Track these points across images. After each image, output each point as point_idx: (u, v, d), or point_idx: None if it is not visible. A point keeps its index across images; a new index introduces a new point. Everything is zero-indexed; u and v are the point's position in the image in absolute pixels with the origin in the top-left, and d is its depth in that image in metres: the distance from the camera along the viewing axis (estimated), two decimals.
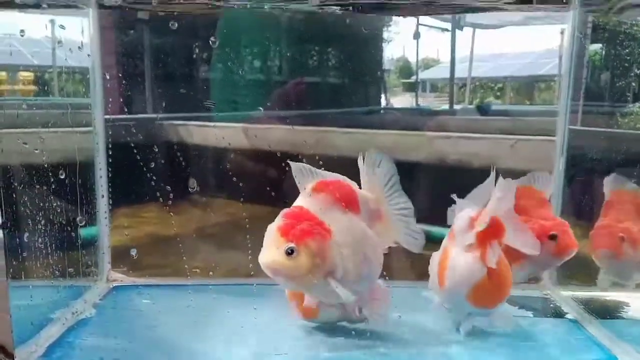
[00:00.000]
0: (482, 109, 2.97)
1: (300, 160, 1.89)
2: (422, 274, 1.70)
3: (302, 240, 1.28)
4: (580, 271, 2.02)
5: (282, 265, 1.27)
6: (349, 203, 1.40)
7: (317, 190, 1.39)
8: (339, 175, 1.45)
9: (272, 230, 1.31)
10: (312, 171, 1.42)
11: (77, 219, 1.77)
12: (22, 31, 1.54)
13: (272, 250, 1.28)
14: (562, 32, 2.10)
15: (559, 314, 1.82)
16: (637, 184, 1.98)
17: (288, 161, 1.43)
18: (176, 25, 1.92)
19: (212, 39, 2.08)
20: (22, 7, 1.60)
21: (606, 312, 1.80)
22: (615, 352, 1.53)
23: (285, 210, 1.35)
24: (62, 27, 1.76)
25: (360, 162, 1.49)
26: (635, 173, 2.02)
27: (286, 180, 1.60)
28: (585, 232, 2.20)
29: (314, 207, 1.36)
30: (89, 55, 1.93)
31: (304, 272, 1.28)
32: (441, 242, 1.63)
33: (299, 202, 1.40)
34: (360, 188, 1.49)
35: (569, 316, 1.80)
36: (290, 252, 1.26)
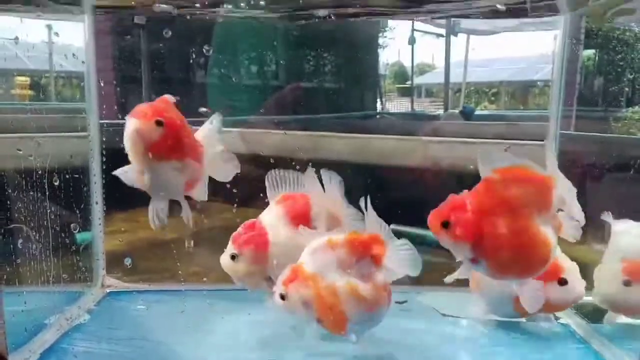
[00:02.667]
0: (465, 113, 2.99)
1: (294, 166, 1.91)
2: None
3: (242, 248, 1.54)
4: None
5: (227, 267, 1.57)
6: (299, 217, 1.56)
7: (278, 202, 1.60)
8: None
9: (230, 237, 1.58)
10: (285, 180, 1.62)
11: (71, 224, 1.77)
12: (16, 38, 1.54)
13: (225, 254, 1.57)
14: (555, 38, 2.12)
15: (551, 318, 1.83)
16: (633, 188, 1.99)
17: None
18: (173, 31, 1.92)
19: (206, 47, 2.10)
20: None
21: (598, 316, 1.80)
22: (607, 357, 1.54)
23: (246, 222, 1.59)
24: (56, 34, 1.77)
25: (316, 180, 1.59)
26: (628, 177, 2.04)
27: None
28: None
29: (272, 218, 1.58)
30: (83, 62, 1.94)
31: (242, 274, 1.56)
32: (436, 246, 1.63)
33: (264, 212, 1.61)
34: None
35: (561, 320, 1.81)
36: (232, 257, 1.55)
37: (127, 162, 1.58)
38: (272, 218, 1.57)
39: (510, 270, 1.35)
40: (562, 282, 1.55)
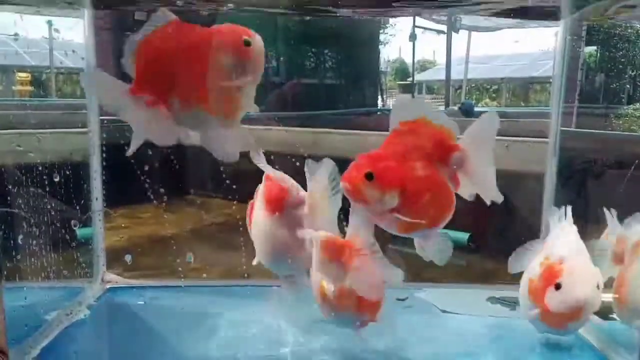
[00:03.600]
0: (465, 110, 2.98)
1: (294, 162, 1.90)
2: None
3: None
4: None
5: None
6: (272, 204, 1.53)
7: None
8: (284, 176, 1.56)
9: None
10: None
11: (72, 220, 1.77)
12: (15, 34, 1.54)
13: None
14: (556, 35, 2.11)
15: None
16: (634, 185, 1.98)
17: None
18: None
19: None
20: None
21: (599, 314, 1.80)
22: (608, 355, 1.54)
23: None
24: (56, 30, 1.76)
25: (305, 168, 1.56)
26: (629, 174, 2.04)
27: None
28: (579, 234, 2.21)
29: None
30: (82, 58, 1.93)
31: None
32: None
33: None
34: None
35: None
36: None
37: (125, 159, 1.59)
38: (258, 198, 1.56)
39: (427, 215, 1.33)
40: (557, 286, 1.45)
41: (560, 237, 1.56)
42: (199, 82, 1.18)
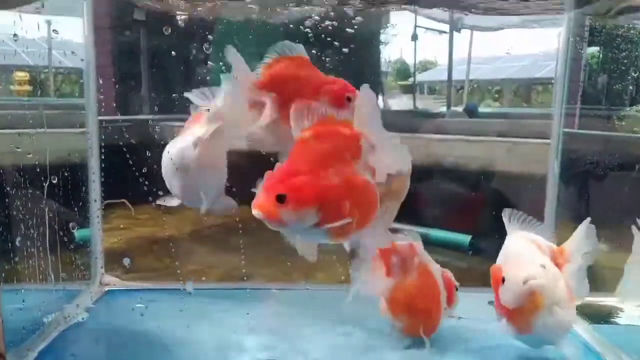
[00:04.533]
0: (469, 111, 2.97)
1: None
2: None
3: None
4: None
5: None
6: None
7: None
8: None
9: None
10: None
11: (70, 222, 1.76)
12: (15, 35, 1.53)
13: None
14: (559, 35, 2.10)
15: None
16: (637, 187, 1.97)
17: None
18: (173, 26, 1.91)
19: (206, 44, 2.08)
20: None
21: (600, 317, 1.79)
22: (608, 358, 1.53)
23: None
24: (55, 31, 1.75)
25: None
26: (632, 176, 2.02)
27: None
28: None
29: None
30: (82, 60, 1.92)
31: None
32: (439, 244, 1.62)
33: None
34: None
35: None
36: None
37: (125, 159, 1.58)
38: None
39: (355, 221, 1.29)
40: (503, 280, 1.40)
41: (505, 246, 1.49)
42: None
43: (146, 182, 1.84)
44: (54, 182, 1.66)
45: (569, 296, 1.39)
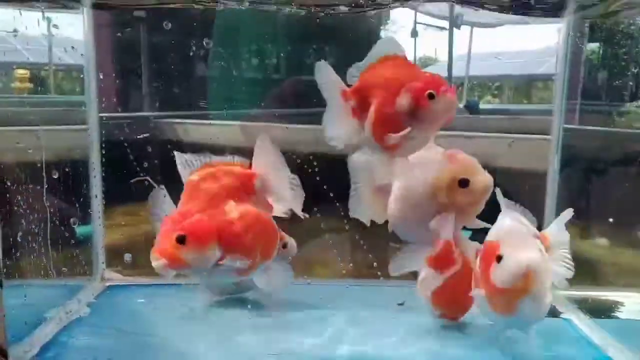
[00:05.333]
0: (470, 107, 2.95)
1: (295, 159, 1.89)
2: None
3: None
4: (575, 270, 2.02)
5: None
6: None
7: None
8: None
9: None
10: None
11: (71, 218, 1.77)
12: (15, 30, 1.53)
13: None
14: (559, 31, 2.10)
15: (553, 313, 1.82)
16: (637, 183, 1.97)
17: None
18: (173, 23, 1.91)
19: (205, 40, 2.09)
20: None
21: (600, 312, 1.80)
22: (609, 352, 1.53)
23: None
24: (55, 26, 1.75)
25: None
26: (632, 171, 2.02)
27: None
28: (582, 232, 2.20)
29: None
30: (82, 55, 1.92)
31: None
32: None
33: None
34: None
35: (564, 316, 1.80)
36: None
37: (126, 157, 1.58)
38: None
39: (254, 253, 1.35)
40: (499, 258, 1.37)
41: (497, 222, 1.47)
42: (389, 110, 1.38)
43: (147, 179, 1.85)
44: (55, 178, 1.66)
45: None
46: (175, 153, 1.44)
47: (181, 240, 1.21)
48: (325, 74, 1.49)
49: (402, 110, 1.37)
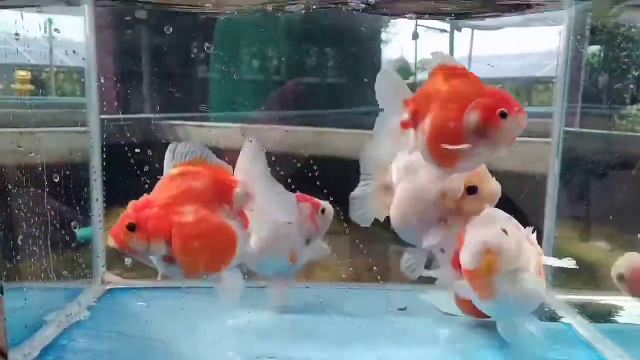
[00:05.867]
0: None
1: (295, 162, 1.89)
2: None
3: None
4: (575, 274, 2.02)
5: None
6: None
7: None
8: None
9: None
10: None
11: (72, 221, 1.77)
12: (16, 34, 1.53)
13: None
14: (560, 34, 2.10)
15: (553, 317, 1.83)
16: (634, 186, 1.97)
17: None
18: (174, 25, 1.91)
19: (207, 44, 2.09)
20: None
21: (600, 316, 1.80)
22: (609, 356, 1.53)
23: None
24: (57, 30, 1.75)
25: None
26: (632, 175, 2.02)
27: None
28: (582, 235, 2.20)
29: None
30: (83, 58, 1.93)
31: None
32: None
33: None
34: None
35: (563, 320, 1.80)
36: None
37: (126, 158, 1.57)
38: None
39: (202, 261, 1.34)
40: (471, 190, 1.42)
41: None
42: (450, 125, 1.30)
43: (147, 181, 1.85)
44: (56, 181, 1.66)
45: (537, 268, 1.35)
46: (171, 144, 1.41)
47: (131, 227, 1.26)
48: (389, 79, 1.44)
49: (469, 127, 1.29)
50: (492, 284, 1.28)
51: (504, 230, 1.29)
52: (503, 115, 1.26)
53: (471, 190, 1.41)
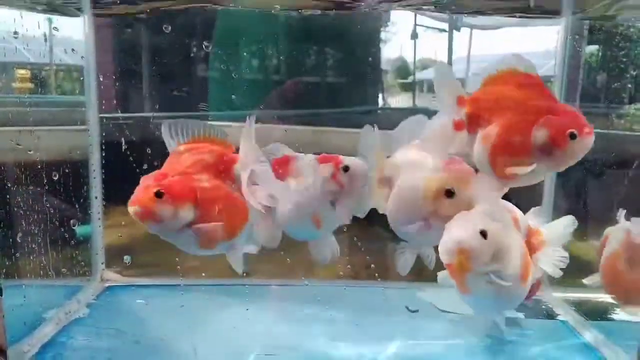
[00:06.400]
0: None
1: None
2: None
3: None
4: (572, 273, 2.02)
5: None
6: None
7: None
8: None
9: None
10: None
11: (71, 218, 1.77)
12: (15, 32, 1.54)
13: None
14: (558, 33, 2.11)
15: (550, 315, 1.83)
16: (635, 185, 1.98)
17: None
18: (174, 24, 1.91)
19: (205, 42, 2.09)
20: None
21: (597, 314, 1.80)
22: (605, 354, 1.54)
23: None
24: (56, 28, 1.76)
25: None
26: (630, 174, 2.03)
27: None
28: (578, 234, 2.20)
29: None
30: (82, 57, 1.93)
31: None
32: None
33: None
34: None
35: (560, 318, 1.81)
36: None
37: (125, 157, 1.58)
38: None
39: (225, 227, 1.35)
40: (345, 169, 1.43)
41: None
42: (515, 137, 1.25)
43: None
44: (55, 178, 1.67)
45: (522, 272, 1.33)
46: (164, 122, 1.41)
47: (159, 194, 1.24)
48: (444, 75, 1.38)
49: (536, 144, 1.23)
50: (465, 282, 1.30)
51: (483, 232, 1.27)
52: (572, 136, 1.21)
53: (448, 193, 1.36)
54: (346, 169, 1.45)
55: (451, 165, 1.42)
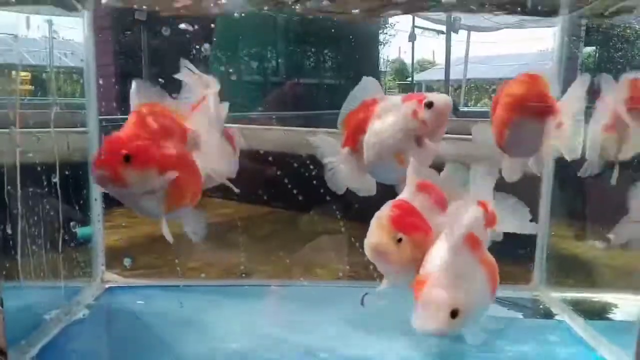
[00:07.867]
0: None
1: (292, 163, 1.90)
2: None
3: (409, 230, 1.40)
4: (570, 272, 2.04)
5: (388, 251, 1.39)
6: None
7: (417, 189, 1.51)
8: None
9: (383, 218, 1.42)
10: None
11: (71, 220, 1.77)
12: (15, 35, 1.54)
13: (379, 236, 1.40)
14: (555, 34, 2.12)
15: (548, 314, 1.84)
16: (629, 185, 1.99)
17: None
18: (174, 26, 1.92)
19: (205, 45, 2.10)
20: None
21: (595, 314, 1.81)
22: (603, 354, 1.54)
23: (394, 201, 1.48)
24: (55, 32, 1.76)
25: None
26: (627, 174, 2.04)
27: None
28: (577, 234, 2.21)
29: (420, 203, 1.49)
30: (82, 60, 1.94)
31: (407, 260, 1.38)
32: None
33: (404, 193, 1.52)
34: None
35: (558, 317, 1.81)
36: (399, 240, 1.38)
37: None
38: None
39: (187, 192, 1.34)
40: (429, 105, 1.42)
41: None
42: None
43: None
44: (56, 180, 1.67)
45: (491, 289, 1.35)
46: (134, 81, 1.37)
47: (127, 158, 1.20)
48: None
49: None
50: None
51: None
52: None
53: (428, 105, 1.42)
54: (429, 105, 1.43)
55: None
